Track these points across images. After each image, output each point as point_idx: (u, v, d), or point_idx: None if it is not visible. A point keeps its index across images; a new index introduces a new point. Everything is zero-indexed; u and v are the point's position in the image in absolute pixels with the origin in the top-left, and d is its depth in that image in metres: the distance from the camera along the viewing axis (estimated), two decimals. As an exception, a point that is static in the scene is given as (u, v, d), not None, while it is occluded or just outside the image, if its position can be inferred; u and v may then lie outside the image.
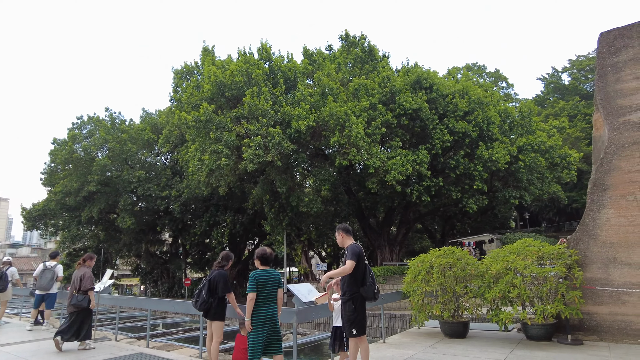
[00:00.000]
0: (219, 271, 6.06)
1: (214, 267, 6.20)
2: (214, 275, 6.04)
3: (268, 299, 5.18)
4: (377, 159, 21.04)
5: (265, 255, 5.36)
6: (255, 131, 19.56)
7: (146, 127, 32.56)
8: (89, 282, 7.79)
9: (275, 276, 5.32)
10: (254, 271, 5.30)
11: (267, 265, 5.37)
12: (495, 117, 25.50)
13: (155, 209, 31.24)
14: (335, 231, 5.79)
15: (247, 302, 5.14)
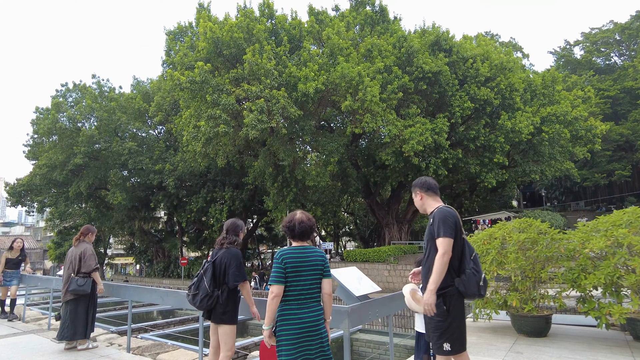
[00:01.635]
0: (227, 250, 4.01)
1: (217, 245, 4.14)
2: (220, 255, 4.00)
3: (306, 295, 3.11)
4: (394, 127, 18.88)
5: (302, 224, 3.24)
6: (258, 93, 17.30)
7: (137, 96, 30.09)
8: (92, 261, 5.86)
9: (317, 258, 3.21)
10: (281, 250, 3.21)
11: (303, 240, 3.27)
12: (519, 83, 23.30)
13: (148, 183, 29.09)
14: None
15: (268, 302, 3.09)
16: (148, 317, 10.63)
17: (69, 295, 5.74)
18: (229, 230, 4.14)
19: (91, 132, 26.76)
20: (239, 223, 4.24)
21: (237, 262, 3.93)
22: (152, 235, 39.07)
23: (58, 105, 27.11)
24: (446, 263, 3.19)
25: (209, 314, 3.94)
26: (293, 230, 3.23)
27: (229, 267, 3.90)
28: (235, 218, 4.36)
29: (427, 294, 3.21)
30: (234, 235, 4.12)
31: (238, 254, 4.03)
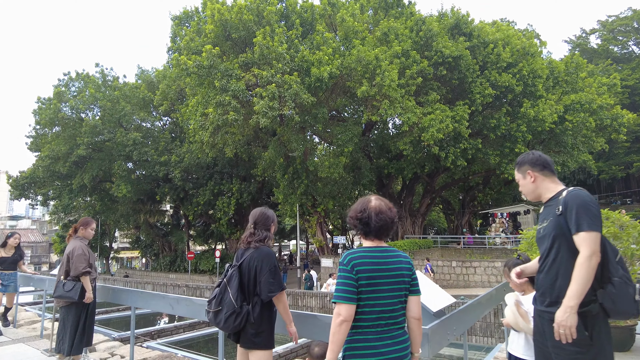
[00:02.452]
0: (257, 250, 3.02)
1: (243, 243, 3.12)
2: (247, 258, 3.00)
3: (387, 320, 2.09)
4: (412, 114, 17.79)
5: (380, 215, 2.20)
6: (269, 78, 16.26)
7: (142, 85, 29.13)
8: (80, 263, 4.77)
9: (402, 266, 2.18)
10: (350, 253, 2.18)
11: (381, 238, 2.24)
12: (542, 69, 22.07)
13: (154, 175, 28.21)
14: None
15: (332, 329, 2.05)
16: (154, 320, 9.74)
17: (60, 302, 4.81)
18: (258, 223, 3.13)
19: (94, 123, 25.87)
20: (270, 213, 3.23)
21: (270, 265, 2.94)
22: (158, 228, 38.33)
23: (60, 95, 26.22)
24: (594, 268, 2.18)
25: (236, 337, 2.95)
26: (368, 225, 2.21)
27: (261, 272, 2.91)
28: (264, 207, 3.34)
29: (564, 312, 2.18)
30: (264, 229, 3.12)
31: (271, 255, 3.04)
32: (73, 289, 4.75)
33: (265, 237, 3.11)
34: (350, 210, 2.41)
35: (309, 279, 22.06)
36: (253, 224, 3.16)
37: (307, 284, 21.90)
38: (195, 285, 12.66)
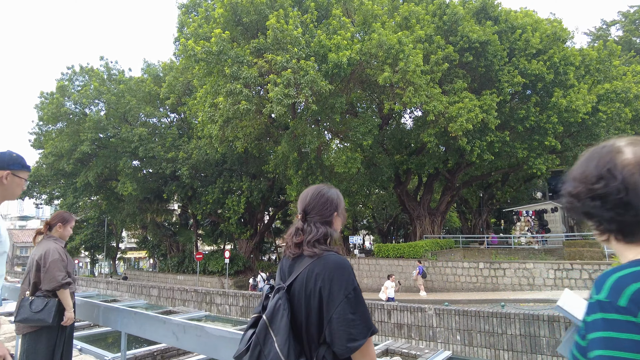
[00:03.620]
0: (320, 259, 1.66)
1: (290, 249, 1.77)
2: (305, 275, 1.64)
3: None
4: (439, 103, 16.38)
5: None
6: (283, 64, 14.95)
7: (147, 79, 28.02)
8: (56, 271, 3.53)
9: None
10: (613, 274, 0.87)
11: None
12: (574, 56, 20.52)
13: (161, 173, 27.06)
14: None
15: None
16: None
17: (22, 329, 3.50)
18: (311, 210, 1.78)
19: (98, 117, 24.78)
20: (331, 194, 1.84)
21: (347, 288, 1.57)
22: (166, 228, 37.25)
23: (63, 89, 25.15)
24: None
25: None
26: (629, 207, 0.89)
27: (330, 302, 1.56)
28: (322, 185, 1.95)
29: None
30: (321, 221, 1.76)
31: (345, 268, 1.65)
32: (45, 309, 3.43)
33: (325, 235, 1.76)
34: (573, 174, 1.08)
35: None
36: (303, 212, 1.81)
37: None
38: (205, 290, 11.35)
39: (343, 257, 1.70)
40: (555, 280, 17.58)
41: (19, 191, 2.34)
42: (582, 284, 16.91)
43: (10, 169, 2.21)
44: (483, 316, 7.46)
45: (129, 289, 14.07)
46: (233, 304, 11.00)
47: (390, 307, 8.30)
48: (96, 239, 41.17)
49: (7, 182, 2.21)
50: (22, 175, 2.30)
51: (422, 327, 8.18)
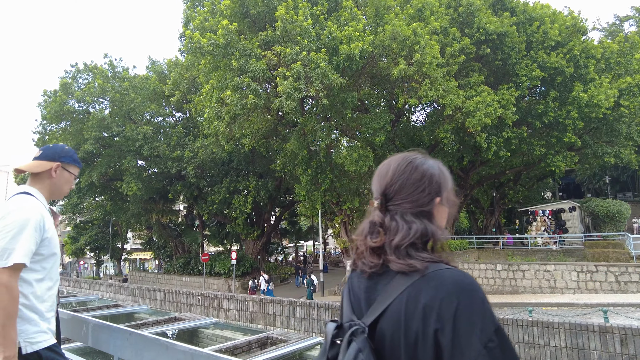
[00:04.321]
0: (425, 277, 0.95)
1: (365, 258, 1.06)
2: (402, 304, 0.96)
3: None
4: (455, 97, 15.62)
5: None
6: (293, 56, 14.26)
7: (152, 76, 27.46)
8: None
9: None
10: None
11: None
12: (595, 49, 19.68)
13: (166, 172, 26.48)
14: None
15: None
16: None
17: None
18: (402, 190, 1.07)
19: (102, 116, 24.23)
20: (429, 168, 1.10)
21: (486, 330, 0.89)
22: (171, 229, 36.69)
23: (66, 87, 24.64)
24: None
25: None
26: None
27: (463, 357, 0.88)
28: (414, 153, 1.17)
29: None
30: (416, 214, 1.05)
31: (474, 291, 0.94)
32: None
33: (422, 235, 1.05)
34: None
35: (311, 284, 20.19)
36: (381, 197, 1.09)
37: (310, 290, 20.07)
38: (212, 294, 10.67)
39: (466, 274, 0.98)
40: (579, 282, 16.74)
41: (67, 189, 2.19)
42: (607, 287, 16.07)
43: (61, 161, 2.10)
44: (522, 325, 6.71)
45: (132, 292, 13.44)
46: (242, 309, 10.31)
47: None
48: (101, 240, 40.72)
49: (56, 176, 2.09)
50: (72, 171, 2.18)
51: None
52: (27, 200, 1.96)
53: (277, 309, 9.78)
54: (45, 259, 1.99)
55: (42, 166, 2.06)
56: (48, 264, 2.01)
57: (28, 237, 1.84)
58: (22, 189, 2.04)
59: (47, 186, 2.08)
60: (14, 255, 1.80)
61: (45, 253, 1.97)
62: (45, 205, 2.10)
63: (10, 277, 1.80)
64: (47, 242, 1.96)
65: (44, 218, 1.96)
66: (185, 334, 7.74)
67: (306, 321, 9.39)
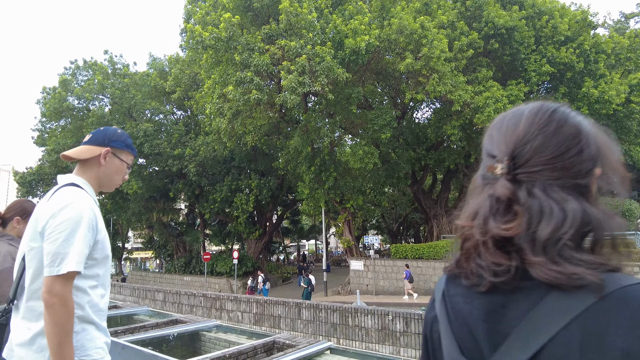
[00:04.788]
0: (620, 293, 0.57)
1: (488, 256, 0.65)
2: (583, 343, 0.55)
3: None
4: (464, 92, 15.20)
5: None
6: (297, 50, 13.86)
7: (153, 73, 27.08)
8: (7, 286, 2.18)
9: None
10: None
11: None
12: (607, 43, 19.24)
13: (167, 170, 26.10)
14: None
15: None
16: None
17: None
18: (543, 150, 0.67)
19: (102, 113, 23.86)
20: (580, 124, 0.72)
21: None
22: (172, 228, 36.31)
23: (65, 83, 24.26)
24: None
25: None
26: None
27: None
28: (551, 103, 0.74)
29: None
30: (568, 189, 0.66)
31: None
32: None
33: (583, 224, 0.64)
34: None
35: (308, 284, 19.59)
36: (509, 160, 0.70)
37: (307, 290, 19.44)
38: (214, 295, 10.28)
39: None
40: (590, 283, 16.29)
41: (119, 180, 1.89)
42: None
43: (111, 145, 1.80)
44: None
45: (132, 293, 13.06)
46: (246, 310, 9.91)
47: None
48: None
49: (106, 163, 1.79)
50: (125, 158, 1.86)
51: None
52: (77, 194, 1.66)
53: (283, 311, 9.37)
54: (98, 263, 1.72)
55: (91, 152, 1.76)
56: (101, 269, 1.74)
57: (81, 239, 1.58)
58: (68, 180, 1.74)
59: (95, 176, 1.79)
60: (67, 262, 1.54)
61: (99, 257, 1.71)
62: (95, 199, 1.77)
63: (64, 288, 1.55)
64: (100, 245, 1.70)
65: (96, 215, 1.69)
66: (187, 338, 7.34)
67: (313, 324, 8.97)
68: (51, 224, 1.57)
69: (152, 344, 6.49)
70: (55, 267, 1.52)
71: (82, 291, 1.65)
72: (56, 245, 1.54)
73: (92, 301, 1.68)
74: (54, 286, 1.51)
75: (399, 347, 7.65)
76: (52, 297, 1.51)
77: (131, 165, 1.92)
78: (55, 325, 1.50)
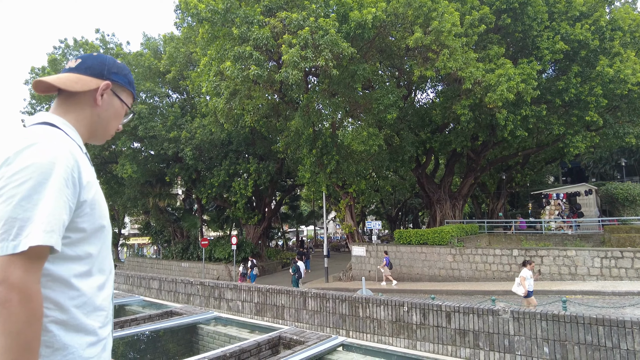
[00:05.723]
0: None
1: None
2: None
3: None
4: (476, 69, 14.35)
5: None
6: (300, 22, 12.95)
7: (147, 53, 26.02)
8: None
9: None
10: None
11: None
12: (624, 19, 18.33)
13: (162, 154, 25.26)
14: None
15: None
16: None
17: None
18: None
19: (94, 93, 22.86)
20: None
21: None
22: (169, 213, 35.62)
23: (54, 63, 23.23)
24: None
25: None
26: None
27: None
28: None
29: None
30: None
31: None
32: None
33: None
34: None
35: (296, 271, 18.78)
36: None
37: (295, 277, 18.65)
38: (212, 284, 9.61)
39: None
40: (602, 269, 15.75)
41: (114, 127, 1.34)
42: (634, 274, 15.09)
43: (113, 79, 1.28)
44: (583, 323, 5.64)
45: (126, 281, 12.39)
46: (246, 299, 9.26)
47: (449, 309, 6.46)
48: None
49: (103, 103, 1.25)
50: (125, 98, 1.33)
51: (493, 334, 6.36)
52: (49, 133, 1.11)
53: (286, 300, 8.71)
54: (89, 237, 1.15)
55: (83, 83, 1.22)
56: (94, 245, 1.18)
57: (54, 196, 1.02)
58: (42, 118, 1.18)
59: (86, 119, 1.25)
60: (30, 232, 0.97)
61: (88, 227, 1.15)
62: (82, 147, 1.23)
63: (26, 274, 0.96)
64: (88, 208, 1.14)
65: (79, 164, 1.13)
66: (183, 332, 6.66)
67: (320, 314, 8.33)
68: (3, 175, 1.01)
69: (144, 340, 5.81)
70: (10, 240, 0.95)
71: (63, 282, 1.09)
72: (11, 207, 0.97)
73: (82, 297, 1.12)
74: (9, 272, 0.94)
75: (415, 341, 7.01)
76: (6, 290, 0.93)
77: (132, 109, 1.29)
78: (8, 337, 0.91)
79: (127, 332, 5.94)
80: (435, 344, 6.84)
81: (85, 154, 1.24)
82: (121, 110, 1.34)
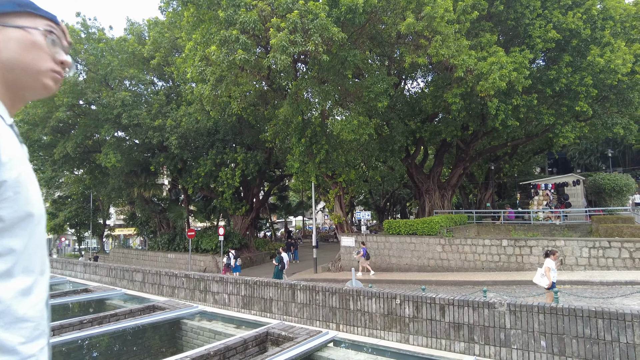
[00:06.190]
0: None
1: None
2: None
3: None
4: (468, 57, 14.08)
5: None
6: (288, 5, 12.48)
7: (131, 38, 25.19)
8: None
9: None
10: None
11: None
12: (615, 8, 18.22)
13: (147, 143, 24.60)
14: None
15: None
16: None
17: None
18: None
19: (75, 80, 22.08)
20: None
21: None
22: (155, 204, 34.95)
23: (34, 47, 22.28)
24: None
25: None
26: None
27: None
28: None
29: None
30: None
31: None
32: None
33: None
34: None
35: (279, 262, 18.04)
36: None
37: (278, 267, 17.87)
38: (198, 276, 9.27)
39: None
40: (590, 259, 15.80)
41: (37, 61, 0.96)
42: (621, 264, 15.16)
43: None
44: (582, 316, 5.46)
45: (108, 273, 11.97)
46: (233, 292, 8.95)
47: (443, 302, 6.24)
48: (81, 216, 38.82)
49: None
50: (24, 23, 0.96)
51: (489, 328, 6.16)
52: None
53: (274, 293, 8.41)
54: (10, 227, 0.86)
55: None
56: (17, 238, 0.88)
57: None
58: None
59: None
60: None
61: (8, 215, 0.85)
62: (5, 117, 0.91)
63: None
64: (10, 191, 0.84)
65: None
66: (166, 328, 6.32)
67: (309, 307, 8.05)
68: None
69: (123, 337, 5.46)
70: None
71: None
72: None
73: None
74: None
75: (408, 335, 6.78)
76: None
77: (54, 32, 0.99)
78: None
79: (105, 329, 5.58)
80: (429, 337, 6.62)
81: (10, 126, 0.92)
82: (29, 38, 0.96)
